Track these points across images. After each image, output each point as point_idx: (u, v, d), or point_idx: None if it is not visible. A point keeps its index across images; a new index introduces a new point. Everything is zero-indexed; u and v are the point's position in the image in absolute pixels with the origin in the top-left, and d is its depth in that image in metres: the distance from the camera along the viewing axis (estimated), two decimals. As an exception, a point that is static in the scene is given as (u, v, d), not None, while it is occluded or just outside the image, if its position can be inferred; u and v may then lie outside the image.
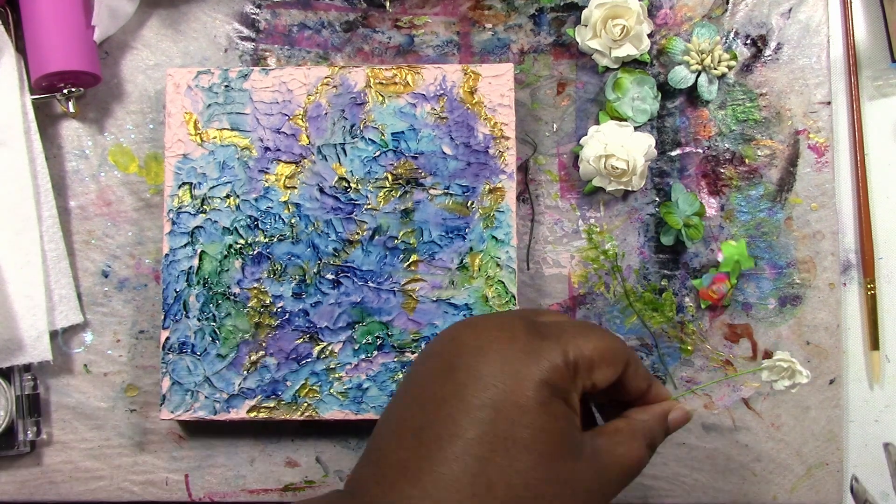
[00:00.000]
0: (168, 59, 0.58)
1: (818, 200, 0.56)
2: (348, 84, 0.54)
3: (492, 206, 0.53)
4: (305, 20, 0.58)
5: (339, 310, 0.53)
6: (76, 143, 0.57)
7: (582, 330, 0.39)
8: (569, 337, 0.38)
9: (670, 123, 0.56)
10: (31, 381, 0.55)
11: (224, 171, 0.54)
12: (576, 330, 0.39)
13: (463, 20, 0.57)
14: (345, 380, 0.53)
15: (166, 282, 0.53)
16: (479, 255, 0.53)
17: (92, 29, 0.54)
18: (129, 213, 0.57)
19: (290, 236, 0.54)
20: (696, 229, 0.55)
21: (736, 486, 0.55)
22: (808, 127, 0.56)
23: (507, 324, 0.39)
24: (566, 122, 0.57)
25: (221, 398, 0.53)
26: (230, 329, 0.53)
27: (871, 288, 0.56)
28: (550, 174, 0.57)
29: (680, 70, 0.56)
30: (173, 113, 0.54)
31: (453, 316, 0.53)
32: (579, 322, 0.42)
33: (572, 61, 0.57)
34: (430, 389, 0.38)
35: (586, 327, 0.40)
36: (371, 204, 0.54)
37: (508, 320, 0.39)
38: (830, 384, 0.55)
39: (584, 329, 0.39)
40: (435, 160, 0.54)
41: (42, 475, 0.56)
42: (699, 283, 0.55)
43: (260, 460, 0.56)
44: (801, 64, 0.57)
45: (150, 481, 0.56)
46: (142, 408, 0.56)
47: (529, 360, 0.37)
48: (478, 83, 0.54)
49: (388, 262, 0.53)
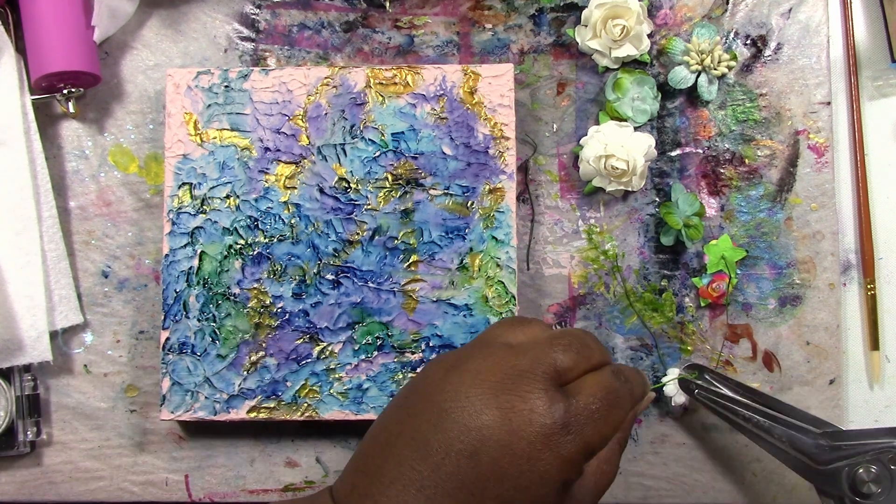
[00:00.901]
0: (168, 59, 0.58)
1: (818, 200, 0.56)
2: (348, 84, 0.54)
3: (492, 207, 0.53)
4: (305, 20, 0.58)
5: (339, 310, 0.53)
6: (76, 143, 0.57)
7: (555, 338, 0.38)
8: (584, 421, 0.37)
9: (670, 123, 0.56)
10: (31, 381, 0.55)
11: (224, 171, 0.54)
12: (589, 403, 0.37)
13: (463, 20, 0.57)
14: (345, 380, 0.53)
15: (166, 282, 0.53)
16: (479, 256, 0.53)
17: (92, 29, 0.54)
18: (129, 214, 0.57)
19: (290, 236, 0.54)
20: (696, 229, 0.55)
21: (736, 486, 0.55)
22: (808, 127, 0.56)
23: (483, 362, 0.38)
24: (566, 123, 0.57)
25: (221, 398, 0.53)
26: (230, 329, 0.53)
27: (871, 288, 0.56)
28: (550, 174, 0.57)
29: (680, 70, 0.56)
30: (173, 113, 0.54)
31: (453, 316, 0.53)
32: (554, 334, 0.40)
33: (572, 61, 0.57)
34: (421, 429, 0.37)
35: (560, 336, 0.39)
36: (371, 204, 0.54)
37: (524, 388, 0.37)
38: (830, 384, 0.55)
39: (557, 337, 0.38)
40: (435, 160, 0.54)
41: (42, 475, 0.56)
42: (699, 282, 0.55)
43: (260, 460, 0.56)
44: (801, 64, 0.57)
45: (150, 481, 0.56)
46: (142, 408, 0.56)
47: (550, 457, 0.36)
48: (478, 83, 0.54)
49: (388, 262, 0.53)
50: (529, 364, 0.37)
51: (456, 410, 0.36)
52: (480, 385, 0.36)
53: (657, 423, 0.55)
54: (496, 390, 0.36)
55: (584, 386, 0.38)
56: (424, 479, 0.36)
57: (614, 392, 0.38)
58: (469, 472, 0.35)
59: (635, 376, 0.41)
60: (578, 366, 0.38)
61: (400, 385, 0.53)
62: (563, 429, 0.36)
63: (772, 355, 0.55)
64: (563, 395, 0.37)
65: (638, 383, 0.41)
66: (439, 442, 0.36)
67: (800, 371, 0.55)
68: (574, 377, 0.38)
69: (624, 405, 0.39)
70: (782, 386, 0.55)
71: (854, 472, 0.45)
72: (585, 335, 0.40)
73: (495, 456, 0.35)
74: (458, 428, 0.36)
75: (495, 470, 0.35)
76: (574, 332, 0.40)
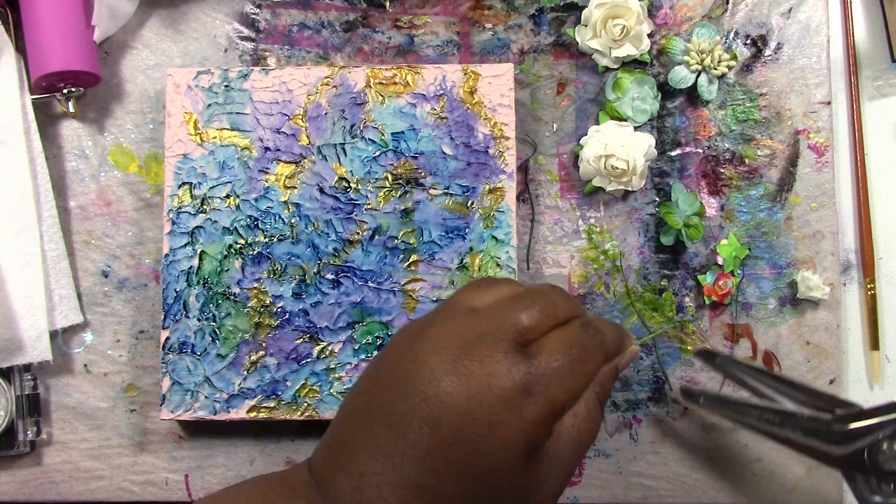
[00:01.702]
0: (168, 59, 0.58)
1: (818, 200, 0.56)
2: (348, 84, 0.54)
3: (492, 206, 0.53)
4: (305, 20, 0.58)
5: (339, 310, 0.53)
6: (76, 143, 0.57)
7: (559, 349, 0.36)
8: (548, 380, 0.35)
9: (670, 123, 0.56)
10: (31, 381, 0.55)
11: (224, 171, 0.54)
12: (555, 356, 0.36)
13: (463, 20, 0.57)
14: (345, 380, 0.53)
15: (166, 282, 0.53)
16: (479, 255, 0.53)
17: (92, 29, 0.54)
18: (129, 213, 0.57)
19: (290, 236, 0.54)
20: (696, 229, 0.55)
21: (736, 486, 0.55)
22: (808, 127, 0.56)
23: (485, 356, 0.36)
24: (566, 122, 0.57)
25: (221, 398, 0.53)
26: (230, 329, 0.53)
27: (871, 288, 0.56)
28: (550, 174, 0.57)
29: (680, 70, 0.56)
30: (173, 113, 0.54)
31: (453, 316, 0.53)
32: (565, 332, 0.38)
33: (572, 61, 0.57)
34: (388, 398, 0.37)
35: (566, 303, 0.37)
36: (371, 204, 0.54)
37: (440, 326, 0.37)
38: (830, 384, 0.55)
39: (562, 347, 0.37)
40: (435, 160, 0.54)
41: (42, 475, 0.56)
42: (704, 279, 0.55)
43: (260, 460, 0.56)
44: (801, 64, 0.57)
45: (150, 481, 0.56)
46: (142, 408, 0.56)
47: (512, 420, 0.35)
48: (478, 83, 0.54)
49: (388, 262, 0.53)
50: (489, 327, 0.36)
51: (417, 378, 0.35)
52: (440, 353, 0.36)
53: (657, 423, 0.55)
54: (455, 356, 0.35)
55: (546, 343, 0.36)
56: (391, 447, 0.35)
57: (580, 345, 0.37)
58: (431, 440, 0.35)
59: (609, 327, 0.40)
60: (543, 324, 0.37)
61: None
62: (523, 391, 0.35)
63: (772, 355, 0.55)
64: (523, 356, 0.35)
65: (612, 334, 0.39)
66: (403, 411, 0.35)
67: (800, 371, 0.55)
68: (538, 336, 0.37)
69: (594, 358, 0.37)
70: (782, 386, 0.55)
71: (877, 448, 0.42)
72: (553, 290, 0.38)
73: (456, 423, 0.34)
74: (420, 396, 0.35)
75: (457, 436, 0.35)
76: (538, 289, 0.38)
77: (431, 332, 0.37)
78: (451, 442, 0.34)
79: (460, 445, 0.34)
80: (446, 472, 0.35)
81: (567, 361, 0.36)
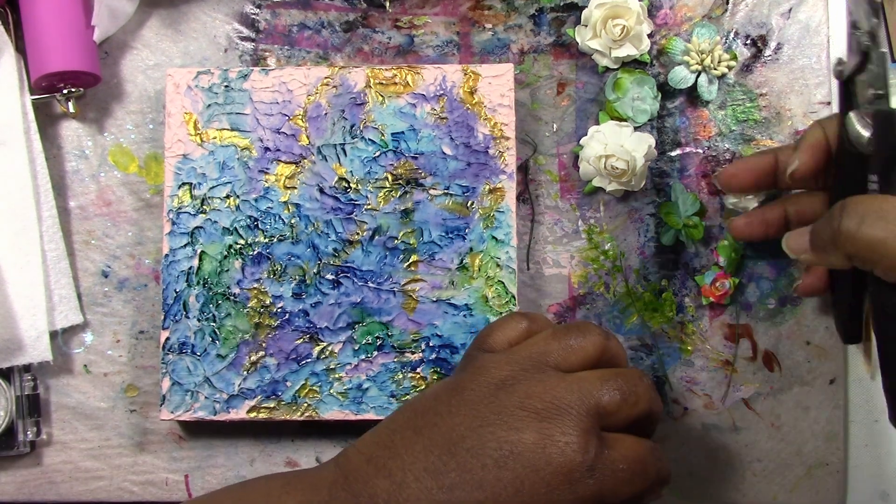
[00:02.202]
0: (168, 59, 0.58)
1: (818, 200, 0.56)
2: (348, 84, 0.54)
3: (492, 207, 0.53)
4: (305, 20, 0.58)
5: (339, 310, 0.53)
6: (76, 143, 0.57)
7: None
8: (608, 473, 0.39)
9: (670, 123, 0.56)
10: (31, 381, 0.55)
11: (224, 171, 0.54)
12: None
13: (463, 20, 0.57)
14: (345, 380, 0.53)
15: (166, 282, 0.53)
16: (479, 256, 0.53)
17: (92, 29, 0.54)
18: (129, 213, 0.57)
19: (290, 236, 0.54)
20: (697, 229, 0.55)
21: (736, 486, 0.55)
22: (808, 127, 0.56)
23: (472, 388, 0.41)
24: (566, 122, 0.57)
25: (221, 398, 0.53)
26: (230, 329, 0.53)
27: None
28: (550, 174, 0.57)
29: (680, 70, 0.56)
30: (173, 113, 0.54)
31: (453, 316, 0.53)
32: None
33: (572, 61, 0.57)
34: (457, 429, 0.40)
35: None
36: (371, 204, 0.54)
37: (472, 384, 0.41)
38: (830, 384, 0.55)
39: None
40: (435, 160, 0.54)
41: (42, 475, 0.56)
42: (701, 280, 0.55)
43: (260, 460, 0.56)
44: (801, 64, 0.57)
45: (150, 481, 0.56)
46: (142, 408, 0.56)
47: (567, 494, 0.38)
48: (478, 83, 0.54)
49: (388, 262, 0.53)
50: (576, 400, 0.40)
51: (498, 423, 0.39)
52: (527, 408, 0.39)
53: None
54: (541, 417, 0.39)
55: (620, 444, 0.40)
56: (447, 472, 0.38)
57: (643, 464, 0.40)
58: (492, 478, 0.38)
59: (667, 464, 0.43)
60: (621, 411, 0.40)
61: (399, 385, 0.53)
62: (587, 471, 0.38)
63: (772, 355, 0.55)
64: (598, 441, 0.39)
65: (666, 469, 0.42)
66: (472, 443, 0.39)
67: (800, 371, 0.55)
68: (616, 421, 0.40)
69: (647, 479, 0.40)
70: (782, 386, 0.55)
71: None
72: (638, 380, 0.42)
73: (521, 472, 0.38)
74: (496, 438, 0.39)
75: (518, 485, 0.38)
76: (627, 376, 0.42)
77: (521, 388, 0.40)
78: (510, 488, 0.38)
79: (516, 494, 0.38)
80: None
81: (629, 471, 0.39)
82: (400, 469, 0.39)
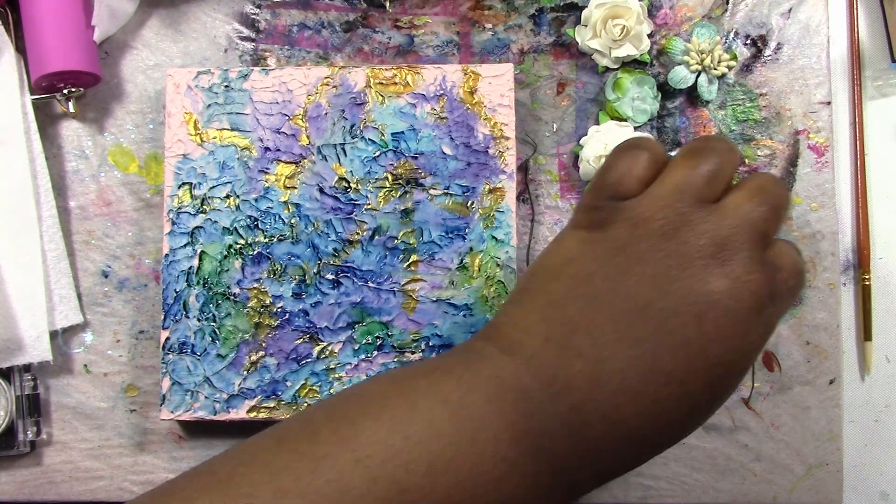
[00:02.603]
0: (168, 59, 0.58)
1: (818, 200, 0.56)
2: (348, 84, 0.54)
3: (492, 206, 0.53)
4: (305, 20, 0.58)
5: (339, 310, 0.53)
6: (76, 143, 0.57)
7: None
8: (784, 294, 0.38)
9: (670, 123, 0.56)
10: (31, 381, 0.55)
11: (224, 171, 0.54)
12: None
13: (463, 20, 0.57)
14: (345, 380, 0.53)
15: (166, 282, 0.53)
16: (479, 255, 0.53)
17: (92, 29, 0.54)
18: (129, 213, 0.57)
19: (290, 236, 0.54)
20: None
21: (736, 486, 0.55)
22: (808, 127, 0.56)
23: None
24: (566, 122, 0.57)
25: (221, 398, 0.53)
26: (230, 329, 0.53)
27: (866, 279, 0.56)
28: (550, 174, 0.57)
29: (680, 70, 0.56)
30: (173, 113, 0.54)
31: (453, 316, 0.53)
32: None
33: (572, 61, 0.57)
34: (641, 290, 0.38)
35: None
36: (371, 204, 0.54)
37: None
38: (830, 384, 0.55)
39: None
40: (435, 160, 0.54)
41: (42, 475, 0.56)
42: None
43: (260, 460, 0.56)
44: (801, 64, 0.57)
45: (150, 481, 0.56)
46: (142, 408, 0.56)
47: (759, 326, 0.37)
48: (478, 83, 0.54)
49: (388, 262, 0.53)
50: (744, 232, 0.38)
51: (683, 277, 0.37)
52: (703, 255, 0.37)
53: (657, 423, 0.55)
54: (720, 260, 0.37)
55: (784, 260, 0.39)
56: (644, 337, 0.36)
57: (803, 272, 0.40)
58: (693, 332, 0.36)
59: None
60: (776, 223, 0.39)
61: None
62: (770, 298, 0.37)
63: (772, 355, 0.55)
64: (771, 267, 0.38)
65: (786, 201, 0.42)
66: (664, 303, 0.36)
67: (800, 371, 0.55)
68: (772, 234, 0.39)
69: (805, 280, 0.41)
70: (782, 386, 0.55)
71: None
72: (774, 184, 0.40)
73: (721, 320, 0.36)
74: (686, 291, 0.36)
75: (719, 332, 0.36)
76: (766, 185, 0.39)
77: (685, 234, 0.38)
78: (713, 337, 0.36)
79: (720, 341, 0.36)
80: (699, 366, 0.36)
81: (797, 285, 0.39)
82: (591, 346, 0.36)
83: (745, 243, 0.37)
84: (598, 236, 0.39)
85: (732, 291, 0.37)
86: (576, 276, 0.39)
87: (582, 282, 0.38)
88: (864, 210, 0.57)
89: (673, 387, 0.36)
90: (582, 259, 0.39)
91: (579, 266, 0.39)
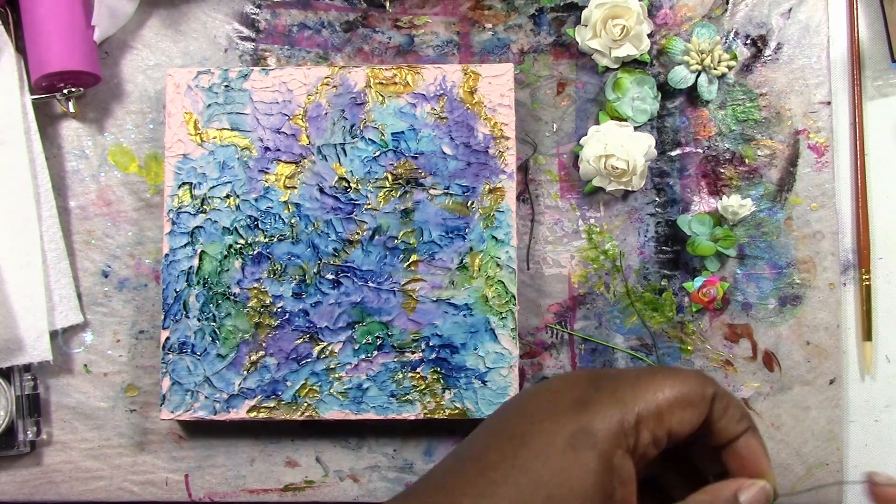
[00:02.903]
0: (168, 59, 0.58)
1: (818, 200, 0.56)
2: (348, 84, 0.54)
3: (492, 206, 0.53)
4: (305, 20, 0.58)
5: (339, 310, 0.53)
6: (76, 143, 0.57)
7: (648, 378, 0.37)
8: (627, 387, 0.36)
9: (670, 123, 0.56)
10: (31, 381, 0.55)
11: (224, 171, 0.54)
12: (639, 379, 0.36)
13: (463, 20, 0.57)
14: (345, 380, 0.53)
15: (166, 282, 0.53)
16: (479, 255, 0.53)
17: (92, 29, 0.54)
18: (129, 213, 0.57)
19: (290, 236, 0.54)
20: (728, 239, 0.55)
21: (736, 486, 0.55)
22: (808, 127, 0.56)
23: (569, 377, 0.38)
24: (566, 122, 0.57)
25: (221, 398, 0.53)
26: (230, 329, 0.53)
27: (866, 279, 0.56)
28: (550, 174, 0.57)
29: (680, 70, 0.56)
30: (173, 113, 0.54)
31: (453, 316, 0.53)
32: (649, 369, 0.38)
33: (572, 61, 0.57)
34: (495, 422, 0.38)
35: (656, 373, 0.37)
36: (371, 204, 0.54)
37: (573, 375, 0.38)
38: (830, 384, 0.55)
39: (650, 376, 0.37)
40: (435, 160, 0.54)
41: (42, 475, 0.56)
42: (690, 286, 0.55)
43: (260, 460, 0.56)
44: (801, 64, 0.57)
45: (150, 481, 0.56)
46: (142, 408, 0.56)
47: (573, 407, 0.36)
48: (478, 83, 0.54)
49: (388, 262, 0.53)
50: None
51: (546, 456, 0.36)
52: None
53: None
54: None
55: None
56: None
57: (669, 368, 0.39)
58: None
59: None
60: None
61: (399, 385, 0.53)
62: (594, 385, 0.37)
63: (772, 355, 0.55)
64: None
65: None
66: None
67: (800, 371, 0.55)
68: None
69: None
70: (782, 386, 0.55)
71: None
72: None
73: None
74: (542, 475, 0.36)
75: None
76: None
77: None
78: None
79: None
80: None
81: (647, 371, 0.37)
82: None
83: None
84: None
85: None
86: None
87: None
88: (864, 210, 0.57)
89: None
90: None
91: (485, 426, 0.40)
